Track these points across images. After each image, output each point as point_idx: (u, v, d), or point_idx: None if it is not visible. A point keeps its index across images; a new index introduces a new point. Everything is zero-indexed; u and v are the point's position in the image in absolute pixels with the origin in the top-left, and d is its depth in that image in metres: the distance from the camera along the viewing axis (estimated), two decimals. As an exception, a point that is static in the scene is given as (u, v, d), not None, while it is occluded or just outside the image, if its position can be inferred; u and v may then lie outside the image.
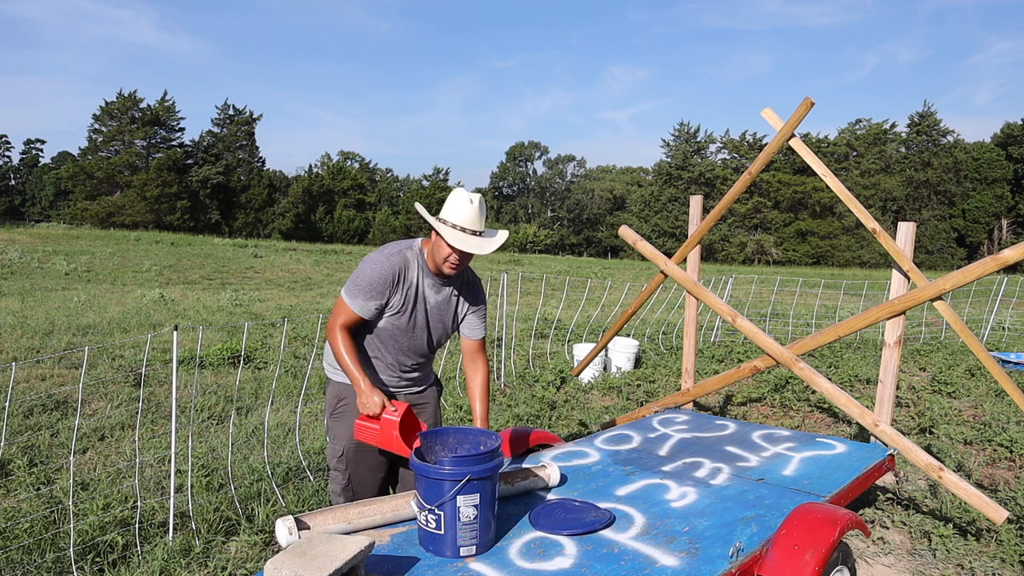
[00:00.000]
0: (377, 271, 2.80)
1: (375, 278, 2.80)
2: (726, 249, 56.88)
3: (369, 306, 2.81)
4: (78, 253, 22.78)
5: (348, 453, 2.99)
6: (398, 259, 2.85)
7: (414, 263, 2.88)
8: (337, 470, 3.03)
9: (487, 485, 2.52)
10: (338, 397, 3.01)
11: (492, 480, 2.55)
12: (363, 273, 2.81)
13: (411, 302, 2.88)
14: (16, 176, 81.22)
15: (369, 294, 2.80)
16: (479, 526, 2.52)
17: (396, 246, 2.91)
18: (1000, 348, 10.59)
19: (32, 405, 5.92)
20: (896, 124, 59.13)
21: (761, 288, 19.60)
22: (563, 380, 7.63)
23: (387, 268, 2.81)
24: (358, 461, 2.99)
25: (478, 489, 2.49)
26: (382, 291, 2.81)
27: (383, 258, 2.84)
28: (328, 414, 3.05)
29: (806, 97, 4.52)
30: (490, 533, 2.59)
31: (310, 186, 62.78)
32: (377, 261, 2.83)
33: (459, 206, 2.77)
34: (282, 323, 9.89)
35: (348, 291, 2.83)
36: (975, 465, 5.18)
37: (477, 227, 2.79)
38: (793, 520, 2.76)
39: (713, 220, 5.17)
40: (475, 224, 2.78)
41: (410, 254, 2.88)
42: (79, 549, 3.48)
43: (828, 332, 4.42)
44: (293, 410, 6.16)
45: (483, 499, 2.51)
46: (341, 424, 2.99)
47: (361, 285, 2.80)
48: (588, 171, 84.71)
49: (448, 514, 2.47)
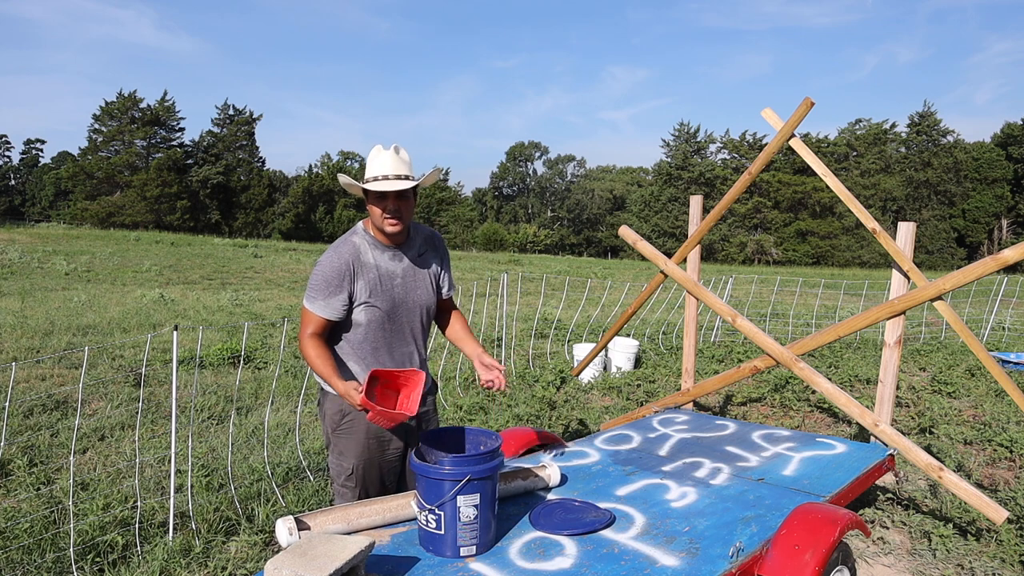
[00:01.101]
0: (328, 267, 2.70)
1: (328, 274, 2.69)
2: (726, 249, 56.88)
3: (332, 304, 2.70)
4: (78, 253, 22.78)
5: (358, 471, 2.83)
6: (346, 247, 2.74)
7: (363, 244, 2.77)
8: (346, 487, 2.86)
9: (487, 485, 2.52)
10: (341, 412, 2.83)
11: (492, 480, 2.55)
12: (316, 274, 2.72)
13: (378, 283, 2.76)
14: (16, 176, 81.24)
15: (327, 291, 2.69)
16: (479, 526, 2.51)
17: (342, 237, 2.81)
18: (1000, 348, 10.59)
19: (32, 405, 5.92)
20: (896, 124, 59.23)
21: (761, 288, 19.60)
22: (563, 380, 7.63)
23: (337, 260, 2.71)
24: (368, 478, 2.85)
25: (478, 489, 2.48)
26: (340, 284, 2.69)
27: (331, 252, 2.74)
28: (332, 430, 2.87)
29: (806, 97, 4.52)
30: (490, 533, 2.59)
31: (310, 186, 62.78)
32: (326, 258, 2.73)
33: (376, 158, 2.69)
34: (282, 323, 9.89)
35: (308, 297, 2.73)
36: (975, 465, 5.18)
37: (400, 171, 2.66)
38: (793, 520, 2.76)
39: (713, 220, 5.17)
40: (397, 169, 2.66)
41: (356, 238, 2.78)
42: (79, 549, 3.48)
43: (828, 332, 4.42)
44: (293, 410, 6.16)
45: (483, 499, 2.51)
46: (349, 440, 2.83)
47: (318, 286, 2.70)
48: (588, 171, 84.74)
49: (448, 514, 2.47)
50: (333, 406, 2.85)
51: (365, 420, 2.80)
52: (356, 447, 2.82)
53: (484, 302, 12.81)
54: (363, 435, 2.81)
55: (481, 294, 13.81)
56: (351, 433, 2.82)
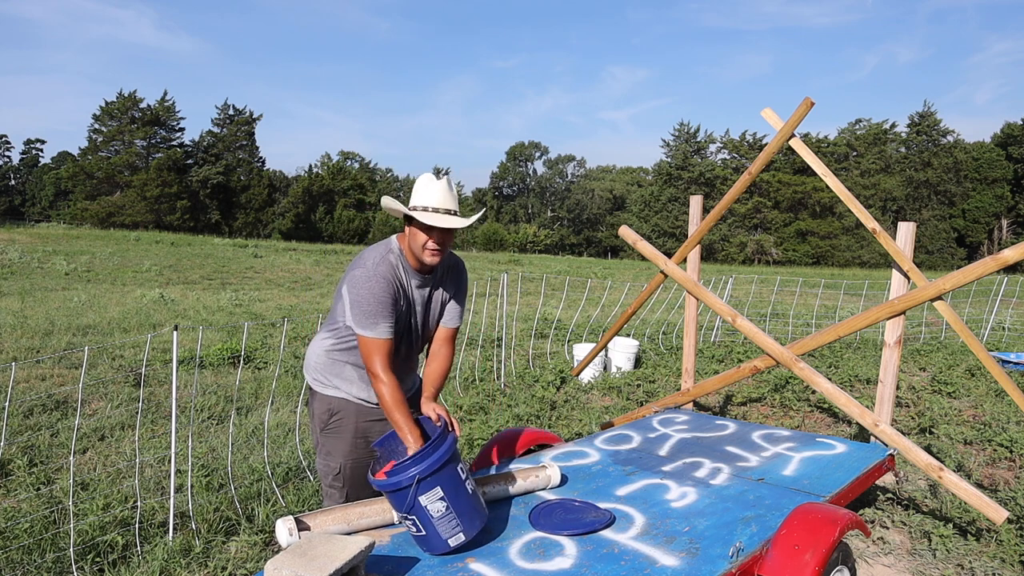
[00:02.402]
0: (378, 288, 2.63)
1: (380, 295, 2.62)
2: (726, 249, 56.88)
3: (391, 324, 2.66)
4: (78, 253, 22.78)
5: (345, 470, 2.85)
6: (386, 267, 2.68)
7: (399, 265, 2.73)
8: (333, 487, 2.89)
9: (444, 475, 2.45)
10: (330, 412, 2.85)
11: (449, 465, 2.47)
12: (364, 297, 2.62)
13: (403, 306, 2.75)
14: (16, 176, 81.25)
15: (385, 313, 2.63)
16: (456, 514, 2.47)
17: (375, 254, 2.72)
18: (1000, 348, 10.59)
19: (32, 405, 5.92)
20: (896, 124, 59.27)
21: (761, 288, 19.60)
22: (563, 380, 7.63)
23: (384, 279, 2.65)
24: (355, 478, 2.86)
25: (436, 483, 2.43)
26: (394, 303, 2.67)
27: (372, 272, 2.65)
28: (319, 429, 2.88)
29: (806, 97, 4.52)
30: (475, 514, 2.53)
31: (310, 186, 62.78)
32: (369, 277, 2.64)
33: (427, 187, 2.67)
34: (282, 323, 9.89)
35: (364, 323, 2.62)
36: (975, 465, 5.17)
37: (450, 206, 2.67)
38: (793, 520, 2.76)
39: (713, 220, 5.17)
40: (447, 203, 2.66)
41: (392, 258, 2.72)
42: (79, 549, 3.48)
43: (828, 332, 4.42)
44: (293, 410, 6.16)
45: (447, 487, 2.45)
46: (336, 440, 2.84)
47: (373, 309, 2.61)
48: (588, 171, 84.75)
49: (420, 516, 2.45)
50: (321, 406, 2.87)
51: (353, 420, 2.84)
52: (343, 447, 2.84)
53: (484, 302, 12.81)
54: (350, 435, 2.84)
55: (481, 294, 13.81)
56: (338, 433, 2.85)
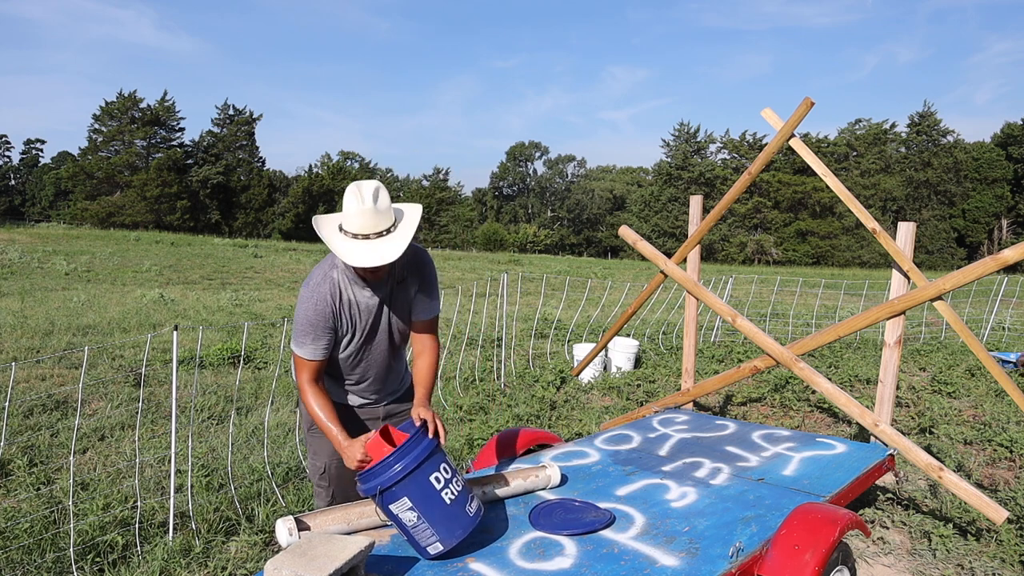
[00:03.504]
0: (311, 309, 2.60)
1: (311, 317, 2.60)
2: (726, 249, 56.88)
3: (319, 346, 2.63)
4: (78, 253, 22.79)
5: (330, 469, 2.90)
6: (325, 286, 2.63)
7: (343, 280, 2.65)
8: (320, 486, 2.96)
9: (410, 484, 2.38)
10: None
11: (417, 474, 2.39)
12: (299, 317, 2.63)
13: (359, 317, 2.69)
14: (16, 176, 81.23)
15: (314, 335, 2.61)
16: (428, 523, 2.41)
17: (319, 272, 2.68)
18: (1000, 348, 10.59)
19: (32, 405, 5.92)
20: (896, 124, 59.25)
21: (761, 288, 19.60)
22: (563, 380, 7.63)
23: (319, 301, 2.61)
24: (340, 476, 2.91)
25: (403, 493, 2.38)
26: (325, 326, 2.62)
27: (310, 293, 2.62)
28: (306, 430, 2.95)
29: (806, 97, 4.52)
30: (453, 523, 2.45)
31: (310, 186, 62.79)
32: (306, 299, 2.62)
33: (350, 209, 2.49)
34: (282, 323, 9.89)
35: (295, 342, 2.65)
36: (975, 465, 5.17)
37: (379, 228, 2.49)
38: (793, 520, 2.76)
39: (713, 220, 5.17)
40: (375, 226, 2.48)
41: (335, 273, 2.65)
42: (79, 549, 3.48)
43: (828, 332, 4.42)
44: (293, 410, 6.16)
45: (415, 498, 2.39)
46: (321, 440, 2.86)
47: (304, 329, 2.62)
48: (588, 171, 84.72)
49: (397, 523, 2.45)
50: None
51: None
52: (327, 446, 2.85)
53: (484, 302, 12.81)
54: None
55: (481, 294, 13.81)
56: (322, 434, 2.83)
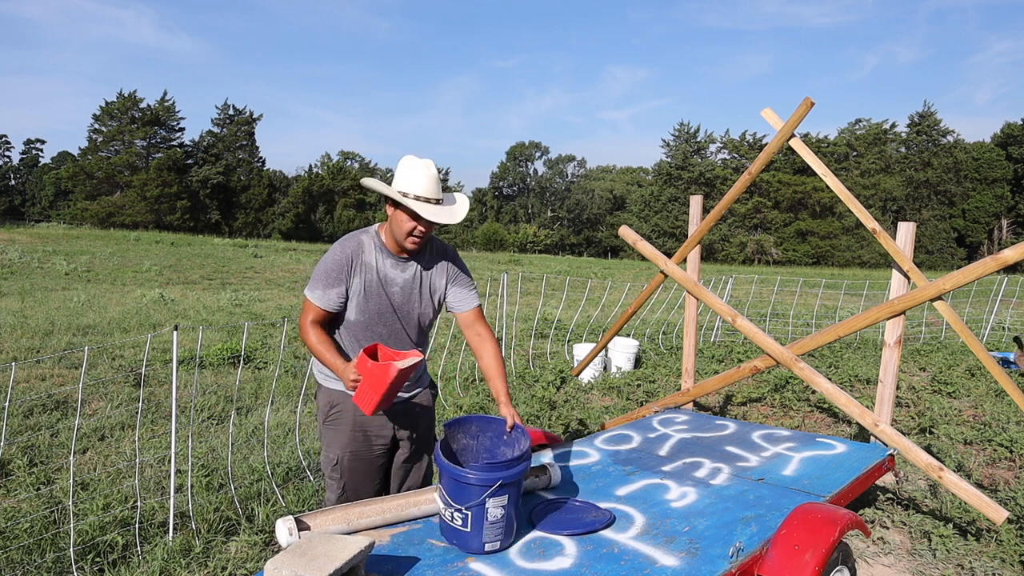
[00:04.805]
0: (331, 259, 2.78)
1: (329, 266, 2.77)
2: (726, 249, 56.87)
3: (329, 295, 2.77)
4: (78, 253, 22.78)
5: (343, 462, 2.92)
6: (351, 243, 2.82)
7: (370, 244, 2.82)
8: (332, 478, 2.97)
9: (515, 487, 2.55)
10: (330, 403, 2.92)
11: (520, 480, 2.58)
12: (319, 265, 2.80)
13: (373, 285, 2.81)
14: (16, 176, 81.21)
15: (327, 283, 2.76)
16: (505, 524, 2.54)
17: (352, 232, 2.89)
18: (1000, 348, 10.58)
19: (32, 405, 5.92)
20: (896, 124, 59.25)
21: (761, 288, 19.60)
22: (563, 380, 7.63)
23: (339, 254, 2.78)
24: (353, 469, 2.92)
25: (507, 491, 2.50)
26: (338, 277, 2.76)
27: (337, 245, 2.82)
28: (321, 421, 2.97)
29: (806, 97, 4.52)
30: (514, 528, 2.62)
31: (310, 186, 62.77)
32: (331, 250, 2.82)
33: (416, 176, 2.69)
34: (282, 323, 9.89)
35: (309, 287, 2.81)
36: (975, 465, 5.17)
37: (438, 195, 2.72)
38: (793, 520, 2.76)
39: (713, 220, 5.17)
40: (435, 192, 2.71)
41: (365, 237, 2.84)
42: (79, 549, 3.48)
43: (828, 332, 4.42)
44: (293, 410, 6.16)
45: (511, 499, 2.53)
46: (336, 432, 2.91)
47: (318, 276, 2.78)
48: (588, 171, 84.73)
49: (476, 514, 2.48)
50: (324, 398, 2.95)
51: (352, 412, 2.86)
52: (342, 438, 2.89)
53: (484, 302, 12.78)
54: (349, 427, 2.88)
55: (481, 294, 13.78)
56: (338, 424, 2.90)
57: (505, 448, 2.77)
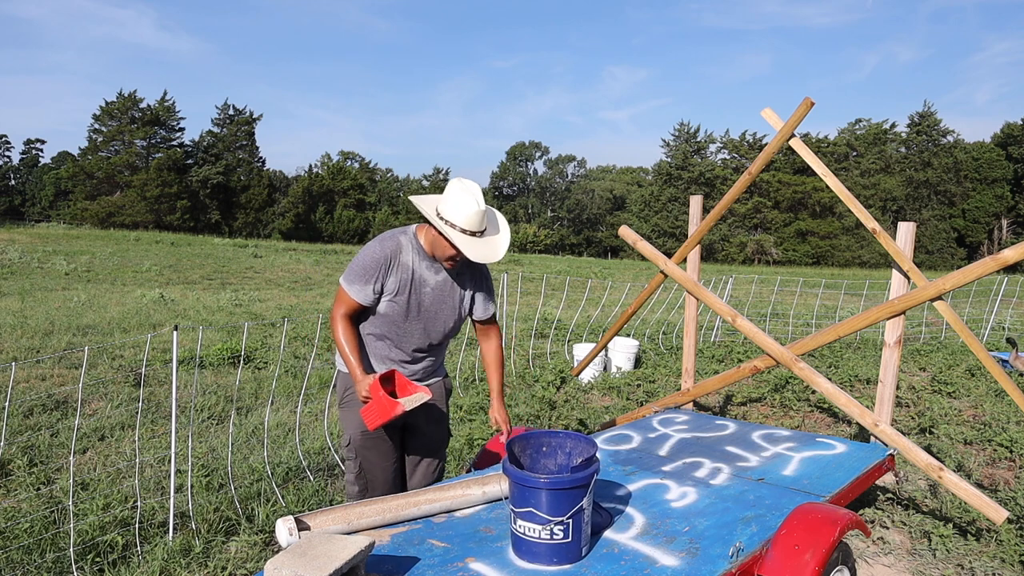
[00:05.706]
0: (370, 255, 2.86)
1: (368, 262, 2.85)
2: (726, 249, 56.87)
3: (366, 291, 2.86)
4: (78, 253, 22.78)
5: (355, 441, 3.07)
6: (391, 243, 2.90)
7: (408, 246, 2.92)
8: (348, 458, 3.15)
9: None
10: (345, 387, 3.09)
11: None
12: (358, 259, 2.89)
13: (407, 285, 2.91)
14: (16, 176, 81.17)
15: (364, 278, 2.85)
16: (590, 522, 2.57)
17: (391, 231, 2.98)
18: (1000, 348, 10.58)
19: (32, 405, 5.92)
20: (896, 124, 59.24)
21: (761, 288, 19.60)
22: (563, 380, 7.63)
23: (379, 252, 2.87)
24: (366, 447, 3.07)
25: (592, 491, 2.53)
26: (376, 275, 2.85)
27: (377, 243, 2.91)
28: (338, 404, 3.15)
29: (806, 97, 4.52)
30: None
31: (310, 186, 62.75)
32: (371, 246, 2.90)
33: (463, 207, 2.75)
34: (282, 323, 9.89)
35: (346, 278, 2.89)
36: (975, 465, 5.17)
37: (482, 226, 2.81)
38: (793, 520, 2.76)
39: (713, 220, 5.17)
40: (479, 224, 2.79)
41: (404, 238, 2.93)
42: (79, 549, 3.48)
43: (828, 332, 4.42)
44: (293, 410, 6.16)
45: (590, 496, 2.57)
46: (349, 413, 3.07)
47: (356, 270, 2.86)
48: (588, 171, 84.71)
49: (575, 521, 2.47)
50: (341, 382, 3.14)
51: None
52: (355, 420, 3.05)
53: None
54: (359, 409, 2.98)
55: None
56: (351, 406, 3.07)
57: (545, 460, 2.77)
